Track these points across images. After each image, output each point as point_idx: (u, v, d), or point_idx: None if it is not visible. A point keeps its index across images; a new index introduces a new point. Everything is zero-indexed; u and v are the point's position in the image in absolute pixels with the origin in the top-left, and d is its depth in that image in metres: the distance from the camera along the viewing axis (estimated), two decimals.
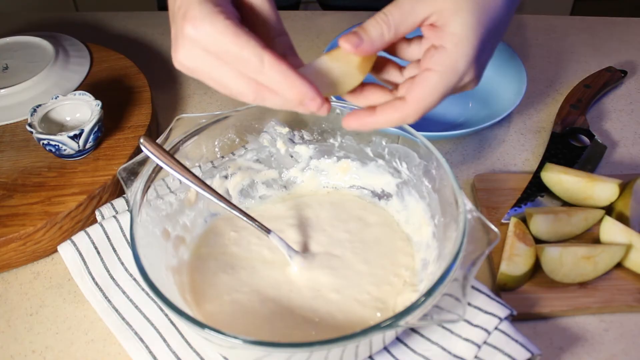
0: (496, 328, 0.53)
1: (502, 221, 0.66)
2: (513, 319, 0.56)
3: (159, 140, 0.55)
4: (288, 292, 0.55)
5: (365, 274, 0.57)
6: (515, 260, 0.59)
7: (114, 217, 0.63)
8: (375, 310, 0.54)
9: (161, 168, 0.56)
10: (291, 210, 0.64)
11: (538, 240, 0.62)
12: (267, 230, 0.55)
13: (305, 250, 0.60)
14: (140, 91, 0.79)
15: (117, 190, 0.69)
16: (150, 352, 0.54)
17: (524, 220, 0.64)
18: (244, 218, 0.55)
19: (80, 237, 0.61)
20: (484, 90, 0.81)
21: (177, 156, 0.57)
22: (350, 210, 0.64)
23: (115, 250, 0.61)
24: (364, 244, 0.60)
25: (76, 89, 0.80)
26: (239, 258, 0.59)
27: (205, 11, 0.42)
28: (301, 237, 0.61)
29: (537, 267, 0.60)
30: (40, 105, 0.69)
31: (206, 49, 0.43)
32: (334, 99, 0.73)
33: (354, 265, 0.58)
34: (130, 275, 0.59)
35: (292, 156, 0.65)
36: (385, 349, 0.54)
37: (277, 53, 0.43)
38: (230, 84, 0.44)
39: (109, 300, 0.57)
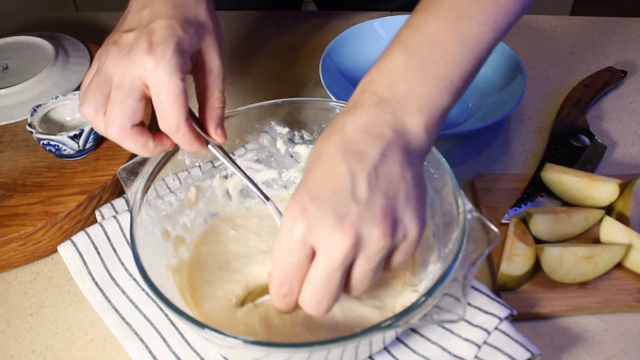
0: (496, 328, 0.53)
1: (502, 221, 0.66)
2: (513, 319, 0.56)
3: None
4: None
5: None
6: (515, 260, 0.59)
7: (114, 217, 0.63)
8: (374, 310, 0.54)
9: (161, 168, 0.56)
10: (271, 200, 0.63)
11: (538, 240, 0.62)
12: (267, 198, 0.55)
13: None
14: None
15: (117, 190, 0.69)
16: (150, 352, 0.54)
17: (524, 220, 0.64)
18: (245, 179, 0.54)
19: (80, 237, 0.61)
20: (484, 90, 0.81)
21: (177, 155, 0.57)
22: None
23: (115, 250, 0.61)
24: None
25: (76, 89, 0.80)
26: (237, 255, 0.59)
27: (172, 61, 0.45)
28: None
29: (537, 267, 0.60)
30: (40, 105, 0.69)
31: (146, 81, 0.46)
32: (333, 98, 0.73)
33: None
34: (130, 275, 0.59)
35: (292, 156, 0.65)
36: (385, 349, 0.54)
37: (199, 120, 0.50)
38: (114, 104, 0.47)
39: (108, 300, 0.57)
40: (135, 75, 0.45)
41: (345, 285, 0.43)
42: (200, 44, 0.49)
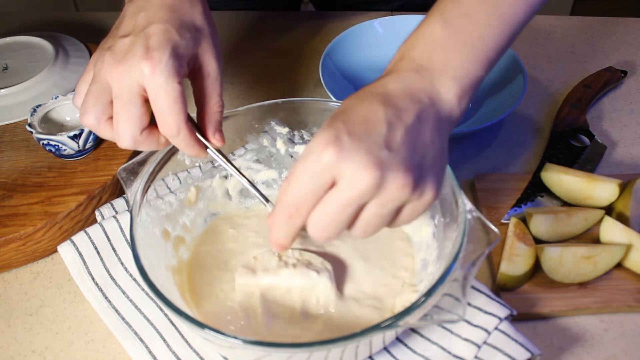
0: (496, 328, 0.53)
1: (502, 221, 0.66)
2: (513, 319, 0.56)
3: None
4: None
5: (364, 274, 0.57)
6: (515, 260, 0.59)
7: (114, 217, 0.63)
8: (373, 310, 0.54)
9: (161, 168, 0.56)
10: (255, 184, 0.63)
11: (538, 240, 0.62)
12: (266, 199, 0.55)
13: (303, 249, 0.59)
14: None
15: (117, 190, 0.69)
16: (150, 352, 0.54)
17: (524, 220, 0.64)
18: (244, 181, 0.53)
19: (80, 237, 0.61)
20: (484, 90, 0.81)
21: (177, 155, 0.57)
22: None
23: (115, 251, 0.61)
24: (364, 244, 0.60)
25: None
26: (235, 253, 0.59)
27: (169, 66, 0.45)
28: (299, 236, 0.61)
29: (537, 267, 0.60)
30: (40, 105, 0.69)
31: (144, 85, 0.46)
32: (333, 98, 0.73)
33: (353, 265, 0.58)
34: (130, 275, 0.59)
35: (292, 156, 0.65)
36: (385, 349, 0.54)
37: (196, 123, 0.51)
38: (124, 115, 0.47)
39: (108, 300, 0.57)
40: (133, 82, 0.45)
41: (350, 223, 0.43)
42: (196, 48, 0.49)
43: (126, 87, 0.46)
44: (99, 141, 0.70)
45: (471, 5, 0.47)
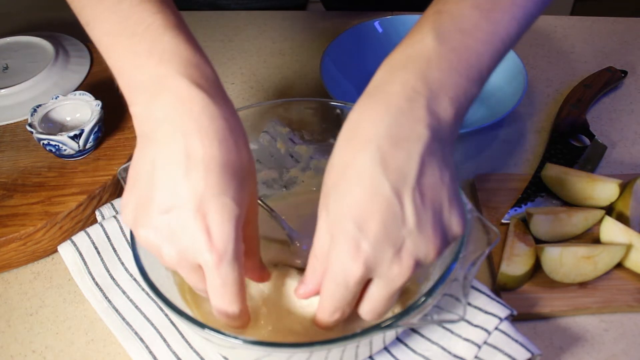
0: (496, 328, 0.53)
1: (502, 221, 0.66)
2: (513, 319, 0.56)
3: None
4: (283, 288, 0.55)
5: None
6: (515, 260, 0.59)
7: (114, 217, 0.63)
8: None
9: None
10: (291, 209, 0.64)
11: (538, 240, 0.62)
12: (272, 211, 0.55)
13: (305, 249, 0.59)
14: None
15: (117, 190, 0.69)
16: (151, 352, 0.54)
17: (524, 220, 0.64)
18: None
19: (80, 237, 0.61)
20: (484, 90, 0.80)
21: None
22: None
23: (115, 250, 0.61)
24: None
25: (76, 89, 0.80)
26: None
27: (235, 254, 0.41)
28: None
29: (537, 267, 0.60)
30: (40, 105, 0.69)
31: (200, 269, 0.42)
32: (333, 98, 0.73)
33: None
34: (131, 275, 0.59)
35: (292, 156, 0.65)
36: (386, 349, 0.54)
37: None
38: (196, 285, 0.45)
39: (109, 300, 0.57)
40: (193, 264, 0.42)
41: None
42: (249, 199, 0.44)
43: (186, 269, 0.42)
44: (99, 141, 0.70)
45: (466, 20, 0.43)
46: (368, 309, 0.44)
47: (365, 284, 0.43)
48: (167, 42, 0.42)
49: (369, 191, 0.39)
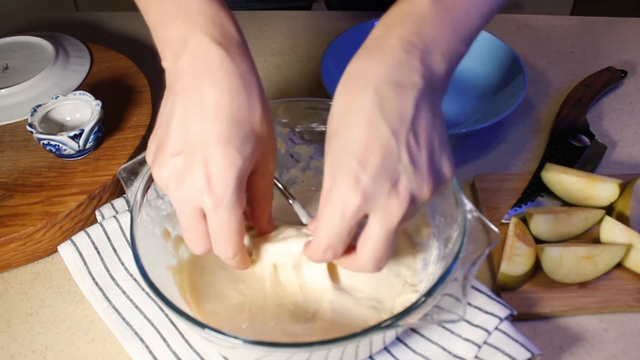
0: (496, 328, 0.53)
1: (502, 221, 0.66)
2: (513, 319, 0.56)
3: None
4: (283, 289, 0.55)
5: (367, 274, 0.57)
6: (515, 260, 0.59)
7: (114, 217, 0.63)
8: (373, 310, 0.54)
9: None
10: (291, 208, 0.64)
11: (538, 240, 0.62)
12: (292, 197, 0.56)
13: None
14: (140, 91, 0.79)
15: (117, 190, 0.69)
16: (151, 352, 0.54)
17: (524, 220, 0.64)
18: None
19: (80, 237, 0.61)
20: (484, 90, 0.81)
21: None
22: None
23: (115, 250, 0.61)
24: None
25: (76, 89, 0.80)
26: None
27: (233, 200, 0.43)
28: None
29: (537, 267, 0.60)
30: (40, 105, 0.69)
31: (199, 212, 0.44)
32: None
33: None
34: (131, 275, 0.59)
35: (292, 156, 0.65)
36: (386, 349, 0.54)
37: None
38: (190, 234, 0.47)
39: (109, 300, 0.57)
40: (195, 207, 0.44)
41: None
42: (257, 157, 0.46)
43: (188, 211, 0.44)
44: (99, 141, 0.70)
45: None
46: (368, 254, 0.44)
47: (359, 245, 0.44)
48: (194, 2, 0.45)
49: (368, 130, 0.42)
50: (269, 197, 0.50)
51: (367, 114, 0.42)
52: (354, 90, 0.43)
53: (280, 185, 0.56)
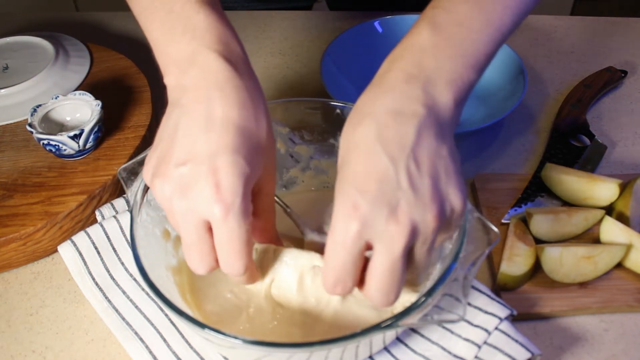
0: (496, 328, 0.53)
1: (502, 221, 0.66)
2: (513, 319, 0.56)
3: None
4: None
5: None
6: (515, 260, 0.59)
7: (114, 217, 0.63)
8: (373, 310, 0.54)
9: None
10: (291, 209, 0.64)
11: (538, 240, 0.62)
12: (287, 207, 0.56)
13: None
14: (140, 91, 0.79)
15: (117, 190, 0.69)
16: (151, 352, 0.54)
17: (524, 220, 0.64)
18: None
19: (80, 237, 0.61)
20: (484, 90, 0.81)
21: None
22: None
23: (115, 250, 0.61)
24: None
25: (76, 89, 0.80)
26: None
27: (242, 208, 0.42)
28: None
29: (537, 267, 0.60)
30: (40, 105, 0.69)
31: (203, 226, 0.43)
32: (333, 98, 0.73)
33: None
34: (130, 275, 0.59)
35: (292, 156, 0.65)
36: (386, 349, 0.54)
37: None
38: (194, 251, 0.44)
39: (109, 300, 0.57)
40: (200, 220, 0.42)
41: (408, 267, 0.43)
42: (262, 171, 0.45)
43: (192, 225, 0.43)
44: (99, 141, 0.70)
45: (460, 12, 0.46)
46: (374, 285, 0.42)
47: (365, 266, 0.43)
48: (201, 20, 0.46)
49: (367, 160, 0.41)
50: (273, 214, 0.50)
51: (367, 144, 0.42)
52: (356, 123, 0.43)
53: (277, 199, 0.55)
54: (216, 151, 0.42)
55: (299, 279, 0.51)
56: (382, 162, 0.41)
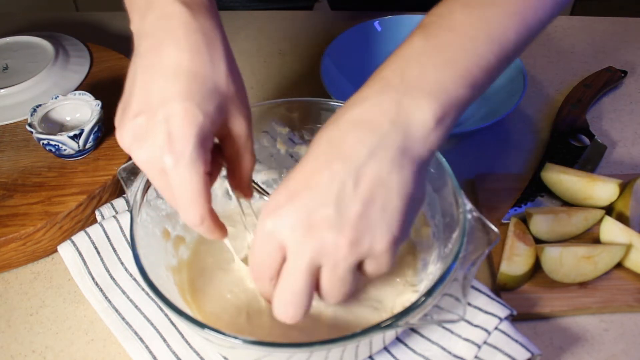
0: (496, 328, 0.53)
1: (502, 221, 0.66)
2: (513, 319, 0.56)
3: None
4: None
5: None
6: (515, 260, 0.59)
7: (114, 217, 0.63)
8: (373, 310, 0.54)
9: None
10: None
11: (538, 240, 0.62)
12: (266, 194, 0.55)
13: None
14: None
15: (117, 190, 0.69)
16: (150, 352, 0.54)
17: (524, 220, 0.64)
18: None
19: (80, 237, 0.61)
20: None
21: None
22: None
23: (115, 250, 0.61)
24: None
25: (76, 89, 0.80)
26: (235, 251, 0.59)
27: (193, 157, 0.41)
28: None
29: (537, 267, 0.60)
30: (40, 105, 0.69)
31: (167, 176, 0.42)
32: (333, 98, 0.73)
33: None
34: (130, 275, 0.59)
35: (292, 156, 0.65)
36: (385, 349, 0.54)
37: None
38: (167, 197, 0.45)
39: (109, 300, 0.57)
40: (157, 168, 0.42)
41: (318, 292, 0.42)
42: (224, 117, 0.44)
43: (154, 173, 0.43)
44: (99, 141, 0.70)
45: (456, 18, 0.42)
46: (277, 293, 0.41)
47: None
48: None
49: (309, 165, 0.40)
50: (247, 159, 0.48)
51: (317, 150, 0.40)
52: (322, 128, 0.42)
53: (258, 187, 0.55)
54: (168, 99, 0.41)
55: None
56: (320, 172, 0.39)
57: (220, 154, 0.48)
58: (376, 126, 0.39)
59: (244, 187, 0.50)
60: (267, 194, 0.54)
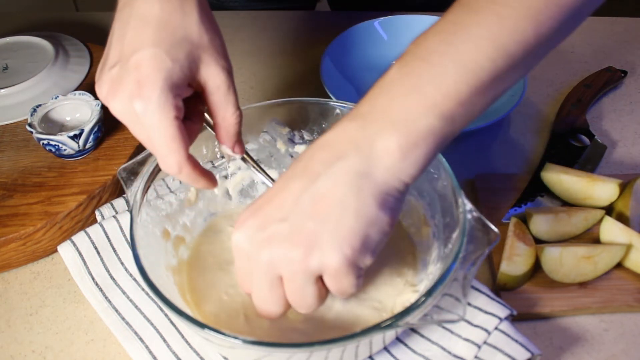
0: (496, 328, 0.53)
1: (502, 221, 0.66)
2: (513, 319, 0.56)
3: None
4: None
5: (369, 273, 0.57)
6: (515, 260, 0.59)
7: (114, 217, 0.63)
8: (373, 310, 0.54)
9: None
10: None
11: (538, 240, 0.62)
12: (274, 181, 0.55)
13: None
14: None
15: (117, 190, 0.69)
16: (150, 352, 0.54)
17: (524, 220, 0.64)
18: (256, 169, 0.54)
19: (80, 237, 0.61)
20: None
21: None
22: None
23: (115, 250, 0.61)
24: None
25: (76, 89, 0.80)
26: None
27: (161, 102, 0.42)
28: None
29: (537, 267, 0.60)
30: (40, 105, 0.69)
31: (141, 123, 0.43)
32: (333, 98, 0.73)
33: None
34: (130, 275, 0.59)
35: (292, 156, 0.65)
36: (385, 349, 0.54)
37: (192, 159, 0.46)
38: (145, 145, 0.46)
39: (109, 300, 0.57)
40: (132, 117, 0.43)
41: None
42: (196, 65, 0.45)
43: (129, 122, 0.44)
44: (99, 141, 0.70)
45: (428, 45, 0.41)
46: (253, 294, 0.44)
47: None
48: None
49: (281, 184, 0.42)
50: (230, 112, 0.47)
51: (290, 171, 0.42)
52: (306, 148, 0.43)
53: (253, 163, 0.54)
54: (138, 48, 0.42)
55: None
56: (283, 189, 0.41)
57: (201, 103, 0.48)
58: (339, 149, 0.40)
59: (230, 141, 0.49)
60: (269, 177, 0.54)
